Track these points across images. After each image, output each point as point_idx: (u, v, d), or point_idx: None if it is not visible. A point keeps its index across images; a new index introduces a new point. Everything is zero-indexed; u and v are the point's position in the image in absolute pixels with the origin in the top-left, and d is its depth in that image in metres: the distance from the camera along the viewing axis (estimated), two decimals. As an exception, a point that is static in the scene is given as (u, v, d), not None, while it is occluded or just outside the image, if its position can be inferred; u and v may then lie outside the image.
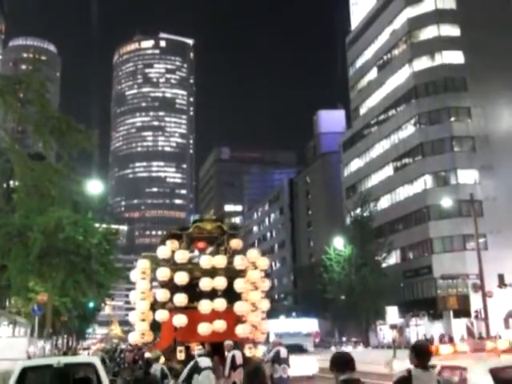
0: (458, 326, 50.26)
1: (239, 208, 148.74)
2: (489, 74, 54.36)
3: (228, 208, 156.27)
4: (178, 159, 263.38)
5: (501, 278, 43.90)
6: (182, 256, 15.82)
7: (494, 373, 6.51)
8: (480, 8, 56.96)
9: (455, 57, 59.13)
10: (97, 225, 27.09)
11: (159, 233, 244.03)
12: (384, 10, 68.15)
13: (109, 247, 26.87)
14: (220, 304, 15.24)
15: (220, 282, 15.45)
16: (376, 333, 59.11)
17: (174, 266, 15.82)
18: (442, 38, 60.07)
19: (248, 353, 14.43)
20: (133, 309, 17.86)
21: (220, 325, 15.01)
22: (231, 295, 15.54)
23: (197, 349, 12.52)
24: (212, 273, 15.61)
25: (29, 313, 29.19)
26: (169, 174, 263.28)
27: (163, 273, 15.73)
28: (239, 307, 15.37)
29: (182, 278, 15.34)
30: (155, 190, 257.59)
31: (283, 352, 13.78)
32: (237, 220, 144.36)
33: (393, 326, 56.31)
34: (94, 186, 23.00)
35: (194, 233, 16.68)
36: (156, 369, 11.11)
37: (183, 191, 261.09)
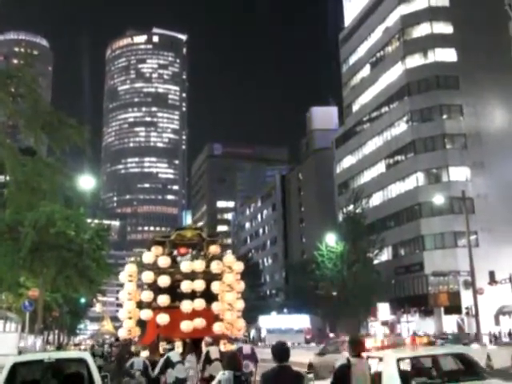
0: (449, 322, 50.55)
1: (231, 204, 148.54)
2: (481, 71, 54.58)
3: (220, 204, 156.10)
4: (171, 155, 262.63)
5: (492, 274, 44.13)
6: (164, 261, 17.53)
7: (399, 361, 8.50)
8: (473, 6, 57.13)
9: (448, 54, 59.30)
10: (89, 220, 26.99)
11: (151, 228, 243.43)
12: (377, 7, 68.22)
13: (100, 243, 26.77)
14: (199, 304, 16.86)
15: (199, 285, 17.16)
16: (367, 329, 59.31)
17: (158, 270, 17.50)
18: (435, 35, 60.23)
19: (223, 348, 15.74)
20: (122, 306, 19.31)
21: (199, 322, 16.63)
22: (209, 296, 17.21)
23: (165, 344, 13.94)
24: (192, 276, 17.34)
25: (20, 308, 29.06)
26: (161, 169, 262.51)
27: (148, 276, 17.47)
28: (216, 307, 17.08)
29: (164, 280, 17.14)
30: (147, 185, 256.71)
31: (246, 349, 14.90)
32: (229, 216, 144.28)
33: (384, 323, 56.70)
34: (86, 182, 22.85)
35: (176, 240, 18.44)
36: (139, 362, 12.42)
37: (175, 187, 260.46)
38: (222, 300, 17.52)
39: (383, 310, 54.68)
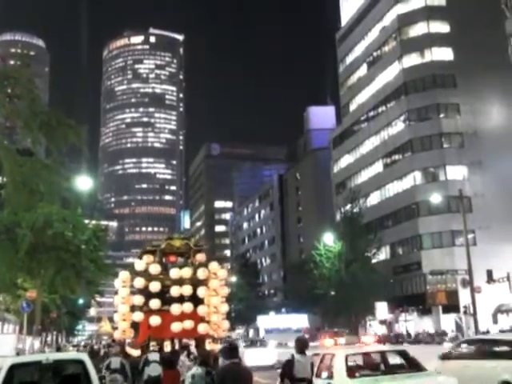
0: (447, 321, 50.62)
1: (229, 204, 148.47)
2: (477, 70, 54.62)
3: (218, 204, 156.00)
4: (168, 155, 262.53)
5: (489, 273, 44.26)
6: (155, 268, 19.30)
7: (347, 357, 10.41)
8: (469, 5, 57.18)
9: (444, 54, 59.41)
10: (86, 221, 26.93)
11: (149, 229, 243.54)
12: (374, 6, 68.27)
13: (98, 244, 26.75)
14: (187, 307, 18.56)
15: (186, 290, 18.86)
16: (366, 328, 59.37)
17: (149, 277, 19.20)
18: (432, 34, 60.33)
19: (208, 346, 17.60)
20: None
21: (187, 324, 18.33)
22: (196, 300, 18.92)
23: (151, 345, 15.69)
24: (180, 282, 19.06)
25: (17, 310, 29.00)
26: (158, 170, 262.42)
27: (139, 282, 19.16)
28: (201, 310, 18.77)
29: (155, 286, 18.88)
30: (145, 186, 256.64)
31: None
32: (227, 216, 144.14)
33: (382, 322, 56.76)
34: (84, 182, 22.84)
35: (166, 249, 20.20)
36: (116, 361, 13.58)
37: (173, 187, 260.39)
38: (208, 304, 19.20)
39: (381, 309, 54.69)
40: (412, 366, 10.51)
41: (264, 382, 20.43)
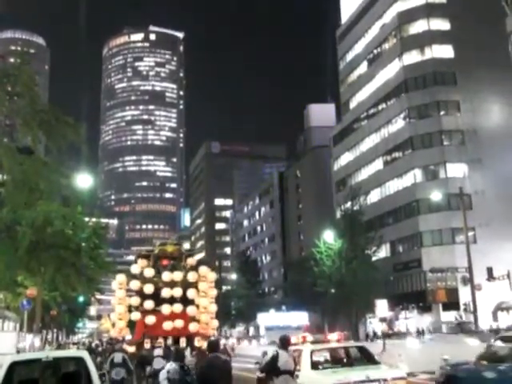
0: (448, 318, 50.63)
1: (229, 202, 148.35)
2: (478, 68, 54.58)
3: (218, 202, 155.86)
4: (168, 153, 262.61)
5: (489, 271, 44.27)
6: (149, 272, 20.99)
7: (312, 352, 11.90)
8: (470, 2, 57.14)
9: (445, 51, 59.31)
10: (86, 219, 26.93)
11: (149, 227, 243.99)
12: (374, 3, 68.16)
13: (98, 241, 26.77)
14: (177, 308, 20.11)
15: (177, 291, 20.47)
16: (365, 326, 59.38)
17: (144, 279, 20.77)
18: (432, 32, 60.23)
19: (197, 344, 19.33)
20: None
21: (177, 323, 19.88)
22: (186, 301, 20.45)
23: (149, 342, 17.54)
24: (172, 284, 20.62)
25: (18, 307, 29.04)
26: (159, 167, 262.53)
27: (135, 284, 20.84)
28: (191, 310, 20.32)
29: (149, 288, 20.51)
30: (145, 183, 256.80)
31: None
32: (227, 214, 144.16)
33: (382, 319, 56.75)
34: (84, 180, 22.82)
35: (159, 254, 21.80)
36: (118, 356, 14.27)
37: (173, 185, 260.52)
38: (198, 304, 20.67)
39: (381, 306, 54.67)
40: (369, 360, 12.09)
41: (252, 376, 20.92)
